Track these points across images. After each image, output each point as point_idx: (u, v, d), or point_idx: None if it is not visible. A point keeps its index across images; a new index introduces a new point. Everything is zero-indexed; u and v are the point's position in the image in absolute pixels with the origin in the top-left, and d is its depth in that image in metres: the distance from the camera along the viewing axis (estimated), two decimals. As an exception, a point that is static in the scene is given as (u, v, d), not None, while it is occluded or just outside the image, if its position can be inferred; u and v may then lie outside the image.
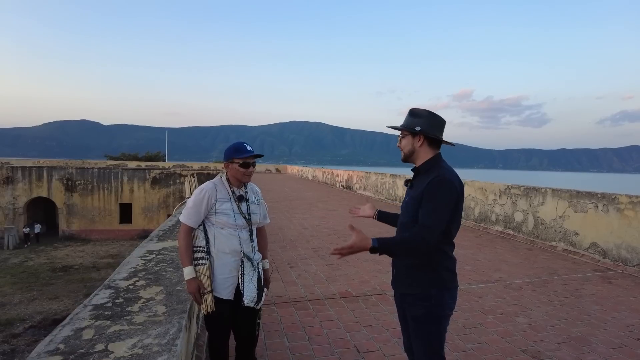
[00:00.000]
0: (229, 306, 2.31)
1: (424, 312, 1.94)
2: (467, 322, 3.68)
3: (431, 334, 1.97)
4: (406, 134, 2.02)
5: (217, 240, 2.32)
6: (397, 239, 1.89)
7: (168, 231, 4.76)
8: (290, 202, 13.54)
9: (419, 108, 2.03)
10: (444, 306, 1.96)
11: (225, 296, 2.30)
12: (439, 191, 1.87)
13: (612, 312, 4.00)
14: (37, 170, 28.72)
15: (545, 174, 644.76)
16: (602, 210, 6.18)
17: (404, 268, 2.03)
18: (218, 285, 2.30)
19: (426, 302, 1.94)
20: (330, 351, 3.09)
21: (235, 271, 2.32)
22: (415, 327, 2.00)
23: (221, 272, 2.30)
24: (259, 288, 2.33)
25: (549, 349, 3.18)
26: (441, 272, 1.96)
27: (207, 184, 2.37)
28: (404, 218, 2.05)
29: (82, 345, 1.81)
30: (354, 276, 5.07)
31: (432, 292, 1.94)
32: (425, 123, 1.98)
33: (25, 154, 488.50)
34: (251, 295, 2.27)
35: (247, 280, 2.28)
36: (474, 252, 6.45)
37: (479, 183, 9.27)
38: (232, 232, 2.32)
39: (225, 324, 2.35)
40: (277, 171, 44.11)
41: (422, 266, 1.96)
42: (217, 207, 2.30)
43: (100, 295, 2.46)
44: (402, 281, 2.06)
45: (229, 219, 2.31)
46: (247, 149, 2.32)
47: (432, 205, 1.85)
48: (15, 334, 12.29)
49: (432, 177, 1.91)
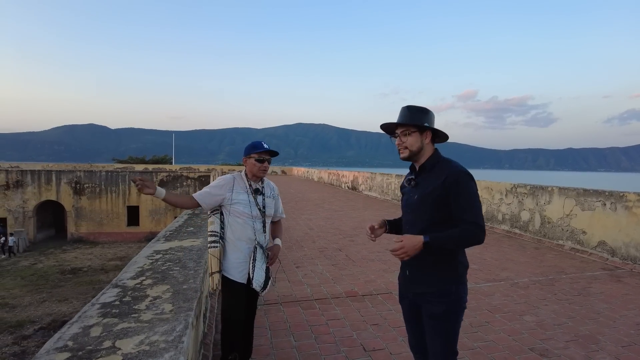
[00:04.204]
0: (242, 287, 2.55)
1: (444, 309, 1.93)
2: (474, 320, 3.66)
3: (449, 330, 1.96)
4: (413, 131, 1.96)
5: (232, 227, 2.55)
6: (449, 236, 1.86)
7: (175, 232, 4.78)
8: (297, 203, 13.56)
9: (416, 105, 2.02)
10: (461, 301, 1.97)
11: (238, 279, 2.54)
12: (469, 183, 1.90)
13: (621, 311, 3.96)
14: (46, 174, 29.00)
15: (553, 173, 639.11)
16: (610, 209, 6.12)
17: (422, 266, 1.99)
18: (232, 268, 2.55)
19: (446, 299, 1.93)
20: (337, 350, 3.10)
21: (249, 257, 2.54)
22: (433, 324, 1.97)
23: (236, 256, 2.55)
24: (266, 276, 2.55)
25: (557, 347, 3.16)
26: (458, 267, 1.97)
27: (227, 175, 2.65)
28: (418, 217, 1.99)
29: (90, 342, 1.82)
30: (360, 276, 5.06)
31: (452, 288, 1.94)
32: (430, 119, 1.99)
33: (35, 158, 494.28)
34: (260, 281, 2.49)
35: (258, 266, 2.50)
36: (481, 251, 6.42)
37: (485, 182, 9.22)
38: (248, 222, 2.54)
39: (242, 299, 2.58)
40: (283, 173, 44.19)
41: (440, 263, 1.95)
42: (233, 197, 2.54)
43: (107, 294, 2.48)
44: (419, 280, 2.02)
45: (245, 209, 2.54)
46: (263, 146, 2.57)
47: (469, 199, 1.87)
48: (25, 336, 12.40)
49: (450, 171, 1.91)
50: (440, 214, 1.91)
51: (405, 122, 1.97)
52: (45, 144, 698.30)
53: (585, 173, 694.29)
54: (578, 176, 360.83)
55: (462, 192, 1.87)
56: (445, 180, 1.88)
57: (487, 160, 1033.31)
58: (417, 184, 2.02)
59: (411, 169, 2.11)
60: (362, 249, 6.56)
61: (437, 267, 1.95)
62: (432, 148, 2.02)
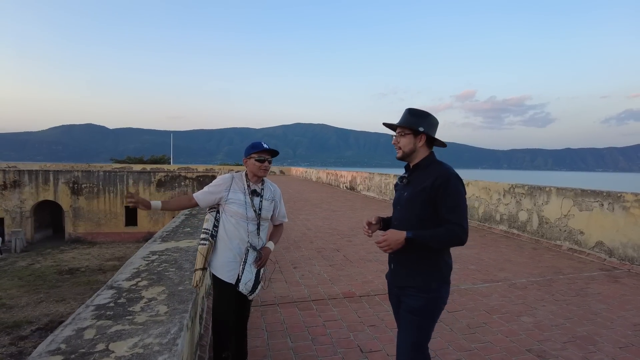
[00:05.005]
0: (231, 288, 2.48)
1: (422, 304, 1.97)
2: (471, 321, 3.65)
3: (422, 327, 1.99)
4: (407, 133, 2.04)
5: (225, 226, 2.52)
6: (432, 234, 1.92)
7: (171, 232, 4.76)
8: (294, 204, 13.54)
9: (417, 108, 2.08)
10: (441, 300, 2.01)
11: (226, 279, 2.48)
12: (457, 186, 1.96)
13: (619, 311, 3.95)
14: (44, 174, 28.89)
15: (551, 173, 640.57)
16: (607, 209, 6.12)
17: (405, 262, 2.05)
18: (221, 267, 2.49)
19: (425, 294, 1.97)
20: (334, 351, 3.08)
21: (239, 257, 2.49)
22: (408, 318, 2.00)
23: (225, 255, 2.50)
24: (256, 280, 2.49)
25: (554, 349, 3.15)
26: (442, 266, 2.02)
27: (227, 175, 2.63)
28: (406, 214, 2.05)
29: (83, 345, 1.81)
30: (357, 276, 5.05)
31: (433, 285, 1.99)
32: (427, 123, 2.04)
33: (33, 158, 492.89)
34: (247, 284, 2.44)
35: (247, 269, 2.45)
36: (478, 252, 6.41)
37: (483, 182, 9.22)
38: (241, 223, 2.50)
39: (231, 299, 2.52)
40: (281, 173, 44.17)
41: (424, 260, 2.00)
42: (229, 196, 2.52)
43: (102, 296, 2.46)
44: (401, 274, 2.08)
45: (239, 209, 2.50)
46: (263, 146, 2.56)
47: (456, 201, 1.93)
48: (22, 336, 12.35)
49: (440, 173, 1.97)
50: (427, 213, 1.98)
51: (401, 125, 2.06)
52: (43, 143, 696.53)
53: (583, 173, 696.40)
54: (576, 176, 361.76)
55: (450, 194, 1.93)
56: (435, 181, 1.95)
57: (486, 160, 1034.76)
58: (409, 182, 2.10)
59: (406, 168, 2.18)
60: (359, 250, 6.54)
61: (421, 263, 2.00)
62: (427, 151, 2.08)
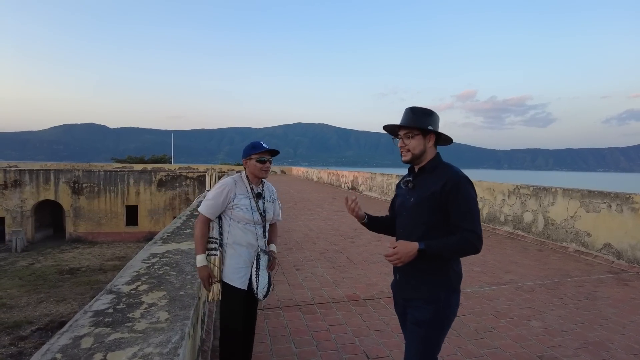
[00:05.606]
0: (242, 294, 2.45)
1: (430, 315, 1.86)
2: (479, 326, 3.56)
3: (431, 339, 1.88)
4: (416, 133, 1.90)
5: (232, 233, 2.45)
6: (445, 244, 1.80)
7: (172, 234, 4.68)
8: (296, 204, 13.46)
9: (420, 106, 1.95)
10: (450, 310, 1.89)
11: (238, 285, 2.43)
12: (469, 190, 1.84)
13: (630, 316, 3.86)
14: (45, 174, 28.85)
15: (552, 173, 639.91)
16: (615, 210, 6.03)
17: (411, 272, 1.92)
18: (231, 273, 2.43)
19: (434, 305, 1.86)
20: (339, 357, 3.00)
21: (250, 263, 2.46)
22: (416, 330, 1.89)
23: (236, 262, 2.44)
24: (269, 283, 2.49)
25: (566, 355, 3.06)
26: (450, 274, 1.90)
27: (228, 179, 2.50)
28: (412, 221, 1.93)
29: (79, 354, 1.72)
30: (361, 279, 4.97)
31: (441, 295, 1.87)
32: (435, 122, 1.93)
33: (33, 158, 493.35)
34: (264, 289, 2.43)
35: (262, 274, 2.43)
36: (483, 254, 6.32)
37: (487, 183, 9.13)
38: (249, 227, 2.45)
39: (241, 307, 2.47)
40: (282, 173, 44.07)
41: (432, 269, 1.88)
42: (235, 202, 2.44)
43: (101, 301, 2.38)
44: (407, 285, 1.96)
45: (247, 214, 2.44)
46: (263, 146, 2.48)
47: (468, 206, 1.82)
48: (22, 337, 12.29)
49: (450, 176, 1.85)
50: (435, 219, 1.86)
51: (409, 125, 1.91)
52: (43, 143, 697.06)
53: (585, 173, 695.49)
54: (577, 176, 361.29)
55: (462, 198, 1.82)
56: (445, 184, 1.83)
57: (486, 160, 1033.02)
58: (415, 186, 1.97)
59: (410, 170, 2.06)
60: (363, 251, 6.46)
61: (428, 273, 1.89)
62: (435, 151, 1.97)
